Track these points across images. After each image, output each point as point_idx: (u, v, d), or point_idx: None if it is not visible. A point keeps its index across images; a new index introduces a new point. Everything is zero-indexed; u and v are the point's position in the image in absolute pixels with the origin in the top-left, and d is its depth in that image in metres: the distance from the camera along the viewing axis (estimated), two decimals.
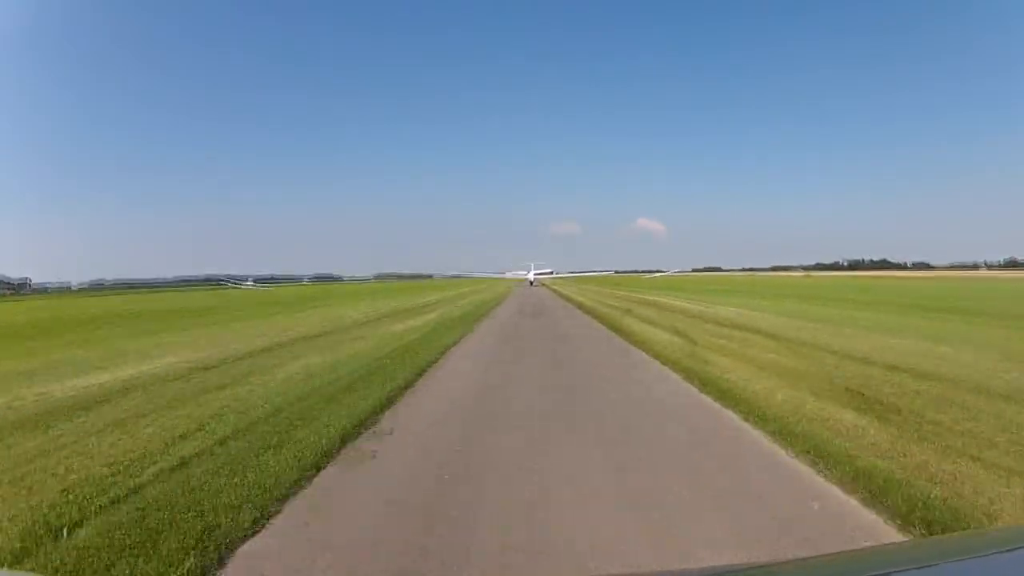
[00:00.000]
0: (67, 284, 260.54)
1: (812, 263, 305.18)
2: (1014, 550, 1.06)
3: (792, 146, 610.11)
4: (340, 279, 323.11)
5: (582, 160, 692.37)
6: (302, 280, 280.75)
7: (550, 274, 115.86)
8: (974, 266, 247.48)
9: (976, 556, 1.11)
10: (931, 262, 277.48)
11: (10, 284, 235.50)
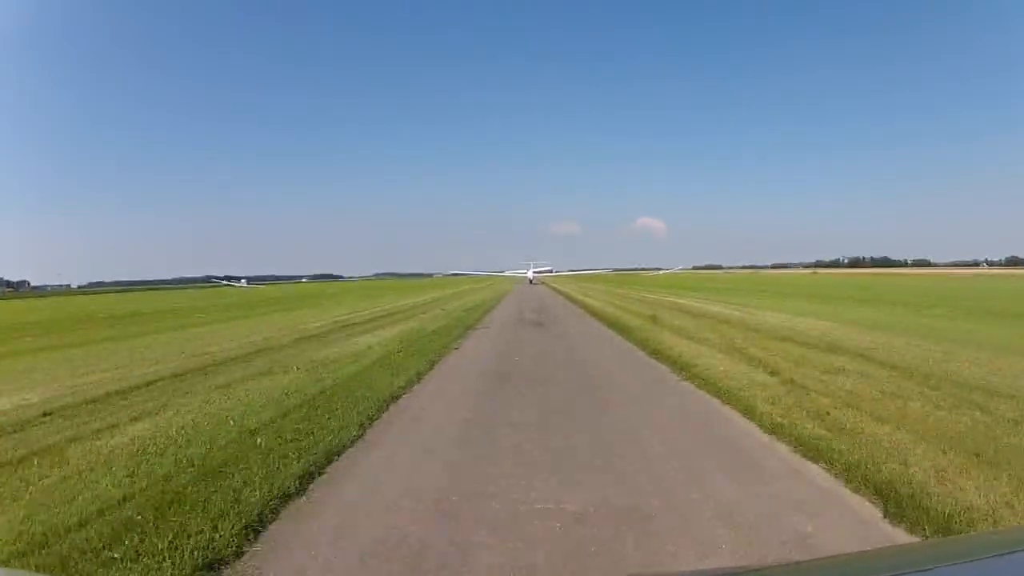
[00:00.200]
0: (67, 284, 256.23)
1: (812, 261, 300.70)
2: (1015, 552, 1.05)
3: (792, 146, 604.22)
4: (340, 278, 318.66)
5: (582, 160, 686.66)
6: (302, 279, 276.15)
7: (549, 272, 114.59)
8: (975, 264, 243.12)
9: (977, 559, 1.08)
10: (932, 260, 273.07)
11: (9, 284, 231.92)
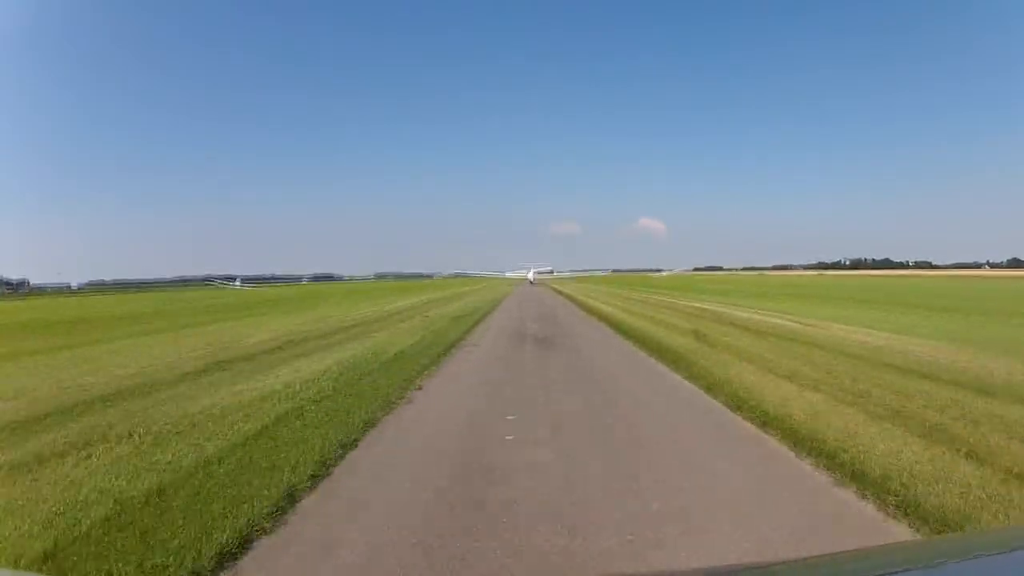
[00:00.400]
0: (67, 284, 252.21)
1: (814, 262, 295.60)
2: (1015, 551, 1.05)
3: (792, 146, 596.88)
4: (341, 279, 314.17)
5: (582, 160, 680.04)
6: (302, 279, 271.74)
7: (550, 273, 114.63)
8: (977, 266, 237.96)
9: (977, 556, 1.07)
10: (933, 261, 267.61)
11: (9, 283, 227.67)
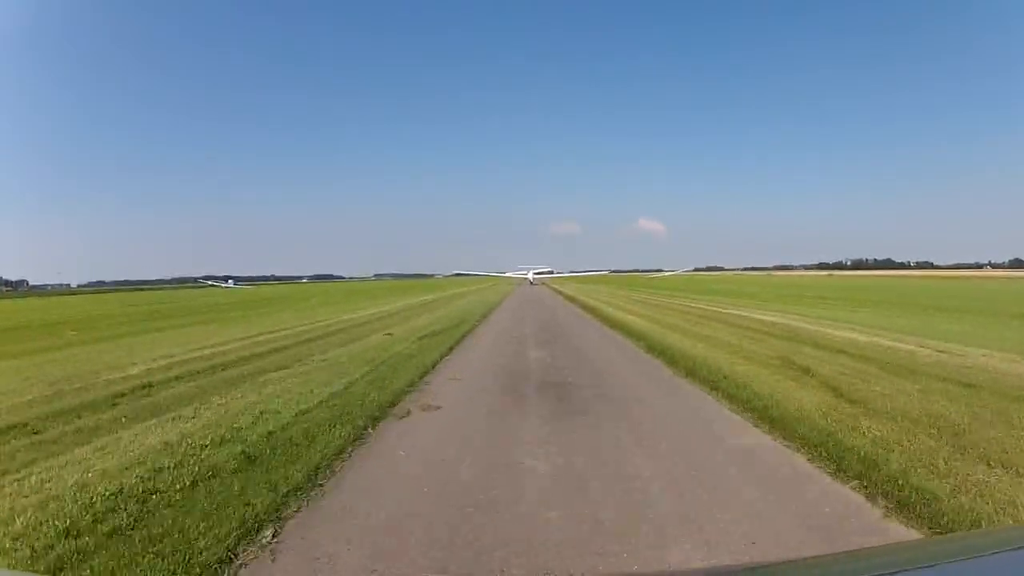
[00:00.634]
0: (66, 284, 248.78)
1: (814, 262, 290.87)
2: (1015, 550, 1.04)
3: (792, 146, 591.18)
4: (341, 279, 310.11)
5: (582, 160, 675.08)
6: (302, 280, 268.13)
7: (550, 274, 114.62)
8: (978, 266, 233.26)
9: (977, 556, 1.07)
10: (934, 262, 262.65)
11: (8, 283, 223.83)
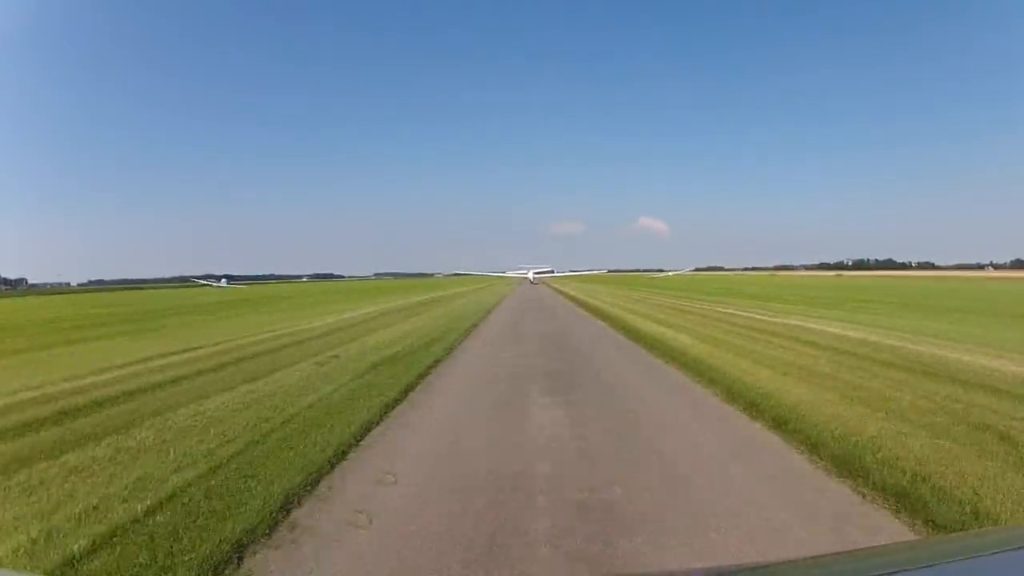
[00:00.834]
0: (66, 283, 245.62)
1: (815, 263, 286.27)
2: (1015, 550, 1.01)
3: (792, 146, 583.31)
4: (341, 278, 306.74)
5: (582, 160, 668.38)
6: (302, 279, 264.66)
7: (550, 273, 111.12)
8: (980, 267, 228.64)
9: (977, 556, 1.03)
10: (936, 262, 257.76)
11: (7, 282, 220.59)
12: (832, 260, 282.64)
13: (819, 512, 3.66)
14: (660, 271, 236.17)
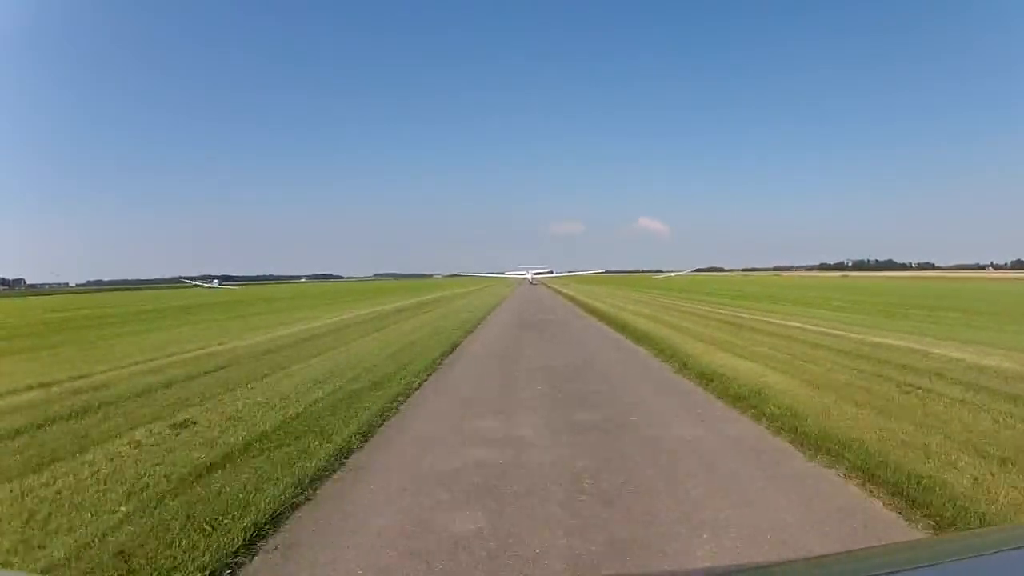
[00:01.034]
0: (65, 283, 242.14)
1: (815, 263, 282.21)
2: (1015, 550, 0.99)
3: (792, 146, 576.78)
4: (340, 279, 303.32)
5: (582, 160, 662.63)
6: (301, 279, 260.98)
7: (549, 274, 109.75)
8: (980, 267, 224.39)
9: (976, 556, 1.01)
10: (936, 263, 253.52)
11: (5, 282, 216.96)
12: (832, 261, 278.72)
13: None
14: (659, 271, 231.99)
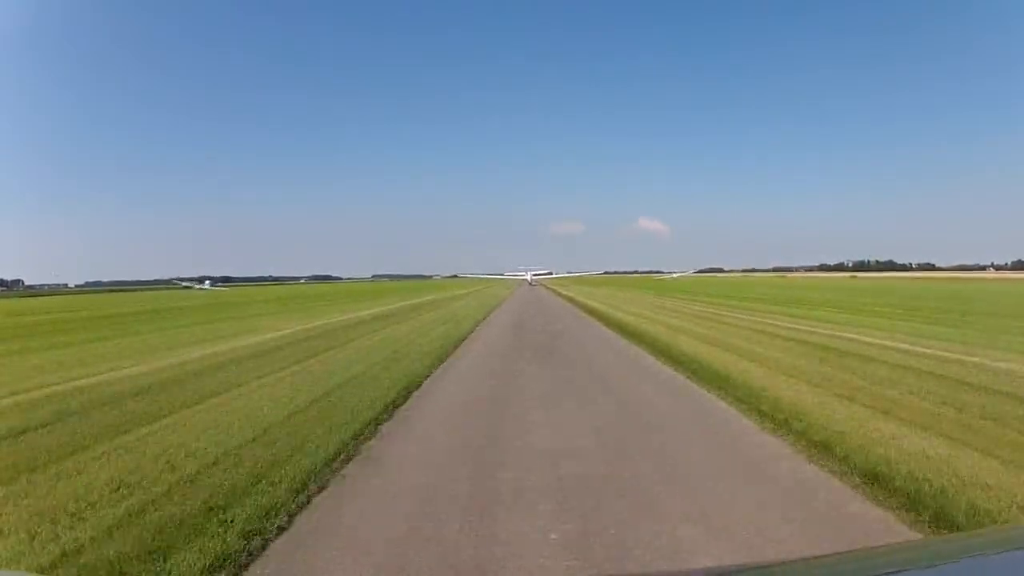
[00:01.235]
0: (64, 284, 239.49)
1: (816, 264, 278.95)
2: (1015, 550, 0.97)
3: (792, 146, 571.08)
4: (339, 279, 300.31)
5: (582, 160, 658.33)
6: (300, 280, 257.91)
7: (548, 274, 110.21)
8: (981, 268, 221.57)
9: (977, 556, 1.00)
10: (936, 263, 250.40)
11: (2, 283, 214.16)
12: (832, 261, 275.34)
13: None
14: (659, 272, 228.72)
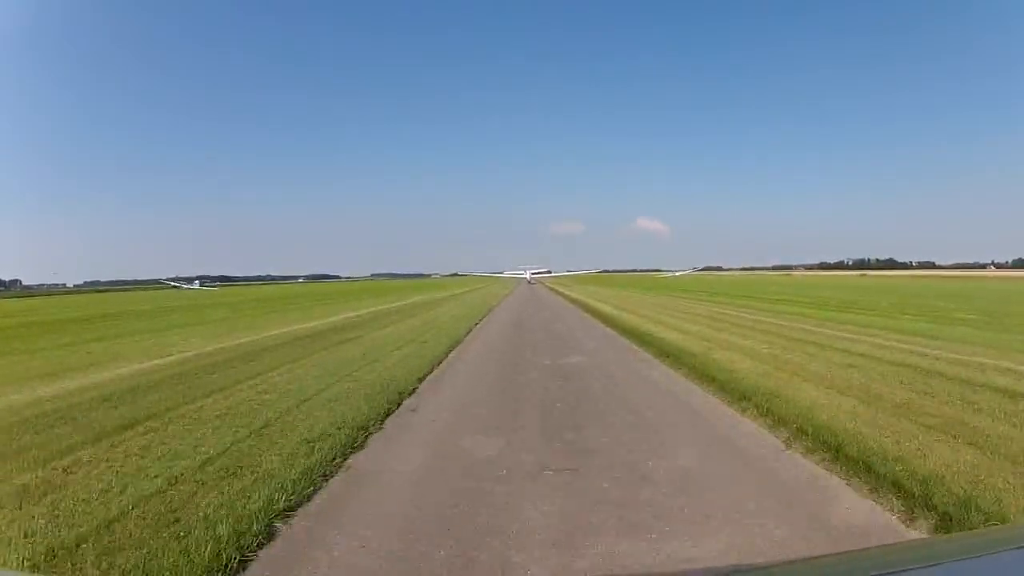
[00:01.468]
0: (62, 284, 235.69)
1: (816, 262, 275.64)
2: (1015, 550, 0.96)
3: (792, 146, 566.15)
4: (339, 279, 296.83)
5: (582, 160, 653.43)
6: (299, 280, 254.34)
7: (547, 273, 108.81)
8: (981, 266, 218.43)
9: (977, 556, 0.99)
10: (937, 262, 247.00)
11: (1, 283, 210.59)
12: (832, 259, 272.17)
13: None
14: (658, 271, 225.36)
